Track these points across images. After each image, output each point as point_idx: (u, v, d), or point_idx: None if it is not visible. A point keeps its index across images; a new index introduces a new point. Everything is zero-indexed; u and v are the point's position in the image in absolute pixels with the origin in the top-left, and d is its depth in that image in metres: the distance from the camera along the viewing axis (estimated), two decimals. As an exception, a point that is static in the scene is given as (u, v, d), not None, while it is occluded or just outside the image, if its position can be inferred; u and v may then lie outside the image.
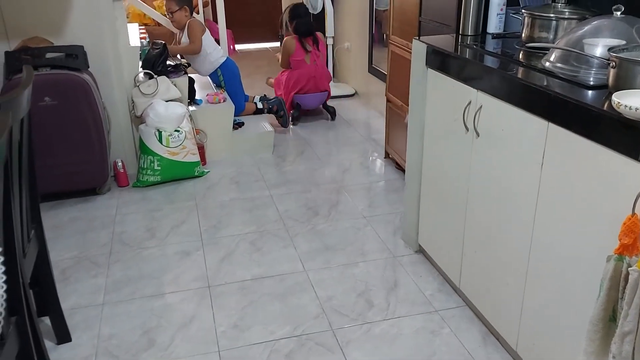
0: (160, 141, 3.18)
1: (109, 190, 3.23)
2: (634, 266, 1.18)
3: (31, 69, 1.76)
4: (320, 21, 5.02)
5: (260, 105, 4.11)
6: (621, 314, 1.21)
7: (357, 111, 4.66)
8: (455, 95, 2.01)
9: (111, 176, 3.26)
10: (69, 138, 2.92)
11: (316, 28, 4.47)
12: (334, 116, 4.46)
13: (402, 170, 3.16)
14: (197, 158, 3.36)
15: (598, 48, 1.56)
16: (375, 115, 4.51)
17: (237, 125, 3.82)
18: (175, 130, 3.23)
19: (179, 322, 2.12)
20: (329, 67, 5.01)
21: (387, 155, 3.61)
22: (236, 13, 6.62)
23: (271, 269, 2.45)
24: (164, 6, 4.23)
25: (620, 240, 1.22)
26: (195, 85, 3.82)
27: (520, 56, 1.89)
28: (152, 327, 2.10)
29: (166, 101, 3.28)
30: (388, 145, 3.54)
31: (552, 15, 1.90)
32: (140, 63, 3.44)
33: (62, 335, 2.02)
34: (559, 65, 1.64)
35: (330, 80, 4.56)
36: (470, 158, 1.95)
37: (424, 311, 2.15)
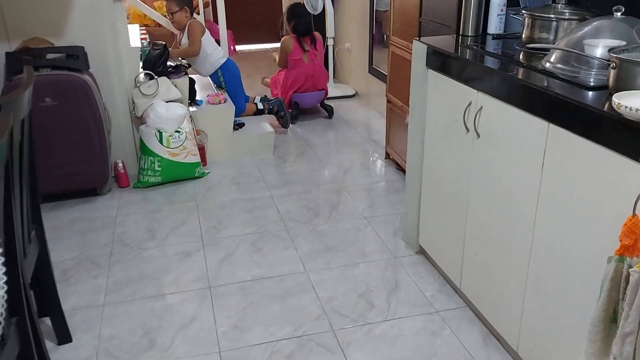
0: (160, 142, 3.18)
1: (110, 191, 3.23)
2: (635, 267, 1.18)
3: (32, 70, 1.77)
4: (320, 22, 5.02)
5: (260, 106, 4.11)
6: (622, 315, 1.21)
7: (357, 112, 4.66)
8: (455, 96, 2.01)
9: (112, 177, 3.26)
10: (69, 139, 2.92)
11: (317, 29, 4.48)
12: (331, 114, 4.50)
13: (403, 171, 3.16)
14: (197, 159, 3.36)
15: (598, 49, 1.56)
16: (375, 116, 4.52)
17: (238, 126, 3.82)
18: (176, 131, 3.23)
19: (179, 323, 2.12)
20: (329, 67, 5.02)
21: (388, 156, 3.61)
22: (237, 14, 6.62)
23: (272, 269, 2.45)
24: (164, 7, 4.23)
25: (621, 241, 1.22)
26: (196, 86, 3.82)
27: (521, 57, 1.89)
28: (153, 328, 2.10)
29: (167, 102, 3.28)
30: (388, 146, 3.54)
31: (552, 16, 1.90)
32: (140, 64, 3.44)
33: (63, 336, 2.02)
34: (559, 66, 1.64)
35: (328, 79, 4.56)
36: (470, 159, 1.95)
37: (425, 312, 2.15)
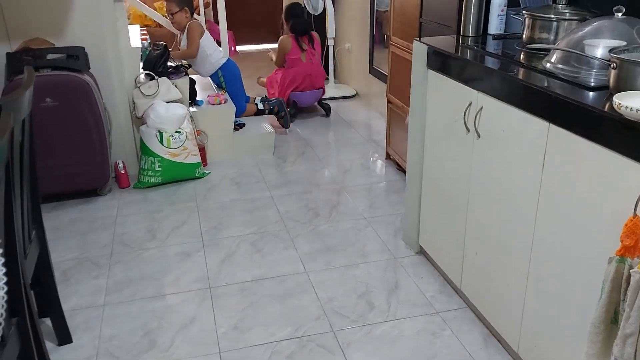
0: (161, 142, 3.18)
1: (110, 191, 3.23)
2: (636, 268, 1.18)
3: (32, 70, 1.77)
4: (321, 22, 5.02)
5: (261, 106, 4.12)
6: (623, 316, 1.21)
7: (357, 112, 4.66)
8: (456, 96, 2.01)
9: (112, 177, 3.26)
10: (70, 139, 2.92)
11: (317, 29, 4.48)
12: (328, 112, 4.55)
13: (403, 171, 3.16)
14: (198, 159, 3.36)
15: (599, 49, 1.55)
16: (375, 116, 4.52)
17: (238, 126, 3.82)
18: (176, 132, 3.23)
19: (179, 323, 2.12)
20: (329, 68, 5.02)
21: (388, 156, 3.60)
22: (237, 14, 6.62)
23: (272, 270, 2.45)
24: (164, 7, 4.23)
25: (621, 242, 1.22)
26: (196, 86, 3.82)
27: (521, 57, 1.89)
28: (153, 328, 2.10)
29: (167, 102, 3.28)
30: (389, 146, 3.54)
31: (552, 16, 1.90)
32: (141, 64, 3.45)
33: (63, 337, 2.02)
34: (559, 66, 1.64)
35: (325, 78, 4.58)
36: (471, 159, 1.95)
37: (425, 313, 2.15)
